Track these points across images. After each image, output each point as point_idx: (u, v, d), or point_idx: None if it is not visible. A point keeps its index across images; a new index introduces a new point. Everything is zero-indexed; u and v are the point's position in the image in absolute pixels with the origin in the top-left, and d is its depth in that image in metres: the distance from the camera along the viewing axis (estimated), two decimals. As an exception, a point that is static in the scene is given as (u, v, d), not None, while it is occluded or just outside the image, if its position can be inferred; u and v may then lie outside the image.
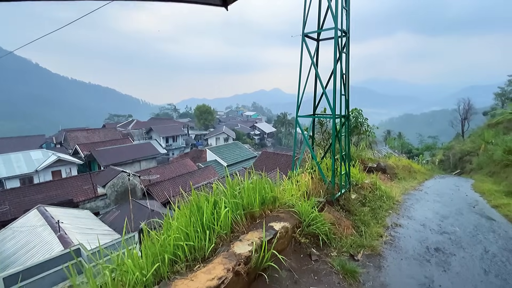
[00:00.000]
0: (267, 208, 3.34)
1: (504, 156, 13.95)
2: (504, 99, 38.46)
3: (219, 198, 2.81)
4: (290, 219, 3.23)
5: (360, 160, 9.62)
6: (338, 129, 4.49)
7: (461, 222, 5.17)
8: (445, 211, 5.86)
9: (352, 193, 4.91)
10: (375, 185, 6.20)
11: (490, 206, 7.37)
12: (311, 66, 4.49)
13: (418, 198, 7.10)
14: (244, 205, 3.05)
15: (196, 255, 2.25)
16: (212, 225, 2.56)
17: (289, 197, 3.80)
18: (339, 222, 3.81)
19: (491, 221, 5.57)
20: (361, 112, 10.61)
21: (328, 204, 4.17)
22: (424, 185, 10.82)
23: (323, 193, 4.17)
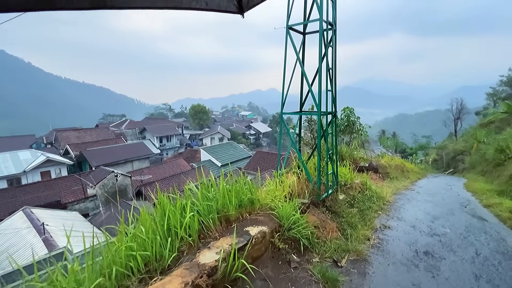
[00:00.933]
0: (245, 211, 3.10)
1: (496, 155, 13.95)
2: (495, 99, 38.97)
3: (188, 201, 2.56)
4: (270, 222, 2.99)
5: (352, 160, 9.45)
6: (324, 126, 4.27)
7: (452, 223, 5.00)
8: (437, 211, 5.69)
9: (339, 194, 4.70)
10: (365, 185, 6.01)
11: (482, 205, 7.26)
12: (297, 61, 4.27)
13: (409, 198, 6.94)
14: (219, 208, 2.80)
15: (156, 266, 2.00)
16: (180, 231, 2.31)
17: (271, 198, 3.57)
18: (324, 225, 3.59)
19: (483, 221, 5.42)
20: (353, 111, 10.45)
21: (313, 206, 3.95)
22: (417, 185, 10.72)
23: (308, 194, 3.94)
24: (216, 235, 2.57)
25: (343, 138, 10.46)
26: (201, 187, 2.80)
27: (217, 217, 2.71)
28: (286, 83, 4.34)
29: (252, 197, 3.14)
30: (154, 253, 2.01)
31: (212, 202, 2.75)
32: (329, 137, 4.54)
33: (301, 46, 4.55)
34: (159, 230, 2.16)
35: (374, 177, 8.87)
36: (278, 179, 4.08)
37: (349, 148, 10.35)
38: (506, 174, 11.55)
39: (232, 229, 2.71)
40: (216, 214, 2.73)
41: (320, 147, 4.06)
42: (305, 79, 4.27)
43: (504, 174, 11.89)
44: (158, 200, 2.46)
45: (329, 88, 4.17)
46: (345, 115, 10.57)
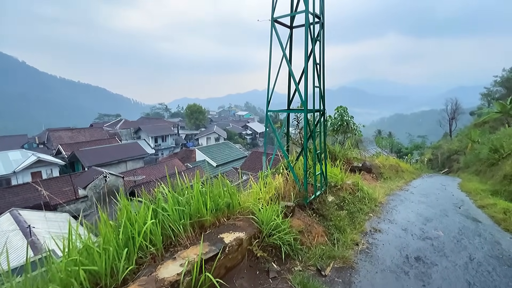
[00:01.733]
0: (223, 215, 2.86)
1: (490, 154, 13.91)
2: (490, 99, 39.30)
3: (150, 207, 2.31)
4: (249, 228, 2.76)
5: (345, 160, 9.27)
6: (312, 124, 4.06)
7: (445, 225, 4.82)
8: (430, 213, 5.51)
9: (328, 196, 4.48)
10: (357, 186, 5.81)
11: (476, 206, 7.12)
12: (283, 57, 4.04)
13: (402, 199, 6.77)
14: (192, 213, 2.57)
15: (109, 283, 1.75)
16: (144, 240, 2.07)
17: (254, 201, 3.35)
18: (310, 229, 3.37)
19: (476, 223, 5.25)
20: (346, 110, 10.27)
21: (299, 209, 3.73)
22: (411, 185, 10.58)
23: (294, 196, 3.72)
24: (187, 243, 2.33)
25: (337, 138, 10.28)
26: (171, 191, 2.56)
27: (189, 223, 2.47)
28: (271, 80, 4.12)
29: (230, 201, 2.91)
30: (104, 267, 1.75)
31: (185, 207, 2.51)
32: (317, 136, 4.34)
33: (288, 40, 4.33)
34: (114, 239, 1.91)
35: (367, 177, 8.69)
36: (263, 181, 3.85)
37: (343, 148, 10.17)
38: (500, 174, 11.47)
39: (206, 236, 2.48)
40: (188, 220, 2.49)
41: (307, 147, 3.84)
42: (291, 76, 4.04)
43: (498, 174, 11.83)
44: (123, 206, 2.21)
45: (316, 85, 3.95)
46: (338, 114, 10.39)
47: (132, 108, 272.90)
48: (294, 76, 4.02)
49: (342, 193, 4.95)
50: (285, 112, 4.43)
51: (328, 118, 10.59)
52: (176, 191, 2.64)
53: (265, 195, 3.57)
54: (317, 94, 4.06)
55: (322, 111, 4.18)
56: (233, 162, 33.65)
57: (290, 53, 4.46)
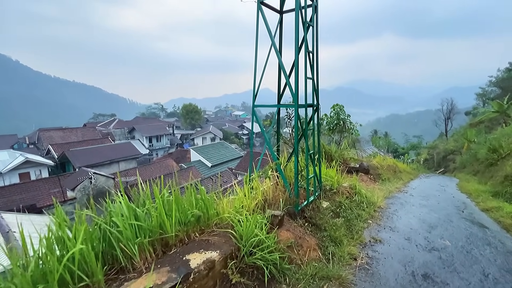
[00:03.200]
0: (194, 229, 2.37)
1: (489, 154, 13.58)
2: (485, 99, 39.41)
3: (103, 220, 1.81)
4: (225, 245, 2.27)
5: (341, 160, 8.83)
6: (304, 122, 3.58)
7: (451, 233, 4.38)
8: (433, 218, 5.07)
9: (323, 201, 4.01)
10: (354, 189, 5.34)
11: (479, 209, 6.73)
12: (272, 45, 3.56)
13: (402, 202, 6.33)
14: (153, 228, 2.07)
15: None
16: (60, 268, 1.54)
17: (236, 210, 2.86)
18: (300, 242, 2.89)
19: (483, 229, 4.82)
20: (342, 108, 9.83)
21: (289, 218, 3.25)
22: (410, 186, 10.20)
23: (283, 203, 3.24)
24: (142, 269, 1.84)
25: (333, 137, 9.83)
26: (126, 201, 2.06)
27: (147, 242, 1.97)
28: (258, 71, 3.63)
29: (201, 213, 2.41)
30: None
31: (143, 221, 2.01)
32: (311, 134, 3.87)
33: (277, 27, 3.84)
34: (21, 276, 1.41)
35: (365, 179, 8.26)
36: (248, 185, 3.36)
37: (339, 147, 9.73)
38: (500, 174, 11.13)
39: (169, 257, 1.98)
40: (147, 238, 1.99)
41: (298, 147, 3.36)
42: (281, 67, 3.56)
43: (498, 174, 11.48)
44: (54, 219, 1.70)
45: (309, 76, 3.47)
46: (334, 113, 9.94)
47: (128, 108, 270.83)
48: (284, 67, 3.54)
49: (338, 198, 4.48)
50: (275, 107, 3.94)
51: (324, 117, 10.15)
52: (134, 201, 2.14)
53: (250, 202, 3.08)
54: (310, 87, 3.58)
55: (315, 106, 3.71)
56: (228, 163, 33.12)
57: (280, 42, 3.97)
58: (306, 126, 3.51)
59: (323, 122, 10.11)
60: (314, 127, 3.76)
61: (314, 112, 3.73)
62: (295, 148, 3.27)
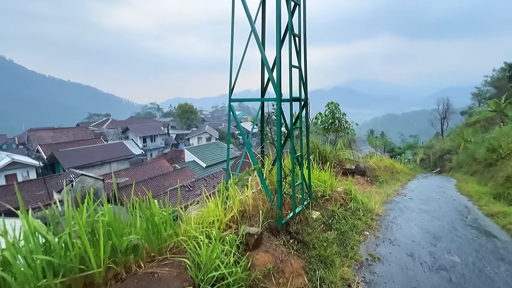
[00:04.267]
0: (139, 259, 1.81)
1: (488, 154, 13.20)
2: (480, 99, 39.44)
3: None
4: (176, 280, 1.71)
5: (336, 161, 8.31)
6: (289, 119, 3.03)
7: (458, 245, 3.87)
8: (436, 227, 4.57)
9: (313, 211, 3.47)
10: (349, 194, 4.81)
11: (483, 214, 6.27)
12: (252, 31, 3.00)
13: (402, 207, 5.82)
14: (72, 264, 1.50)
15: None
16: None
17: (205, 226, 2.31)
18: (283, 267, 2.34)
19: (492, 239, 4.33)
20: (338, 107, 9.31)
21: (271, 234, 2.70)
22: (408, 188, 9.75)
23: (263, 215, 2.69)
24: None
25: (328, 137, 9.31)
26: (31, 223, 1.49)
27: (59, 283, 1.41)
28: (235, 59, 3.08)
29: (149, 236, 1.84)
30: None
31: (54, 255, 1.44)
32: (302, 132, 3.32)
33: (259, 7, 3.27)
34: None
35: (361, 181, 7.75)
36: (223, 195, 2.80)
37: (334, 148, 9.21)
38: (501, 175, 10.74)
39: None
40: (59, 277, 1.42)
41: (281, 149, 2.82)
42: (262, 55, 3.00)
43: (498, 175, 11.10)
44: None
45: (295, 64, 2.93)
46: (329, 111, 9.42)
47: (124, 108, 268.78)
48: (265, 54, 2.99)
49: (331, 206, 3.94)
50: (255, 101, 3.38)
51: (318, 116, 9.62)
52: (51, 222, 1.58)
53: (223, 216, 2.52)
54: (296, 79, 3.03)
55: (303, 101, 3.17)
56: (223, 163, 32.54)
57: (263, 28, 3.42)
58: (291, 124, 2.96)
59: (318, 121, 9.59)
60: (301, 124, 3.22)
61: (301, 107, 3.19)
62: (278, 151, 2.73)
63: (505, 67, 35.27)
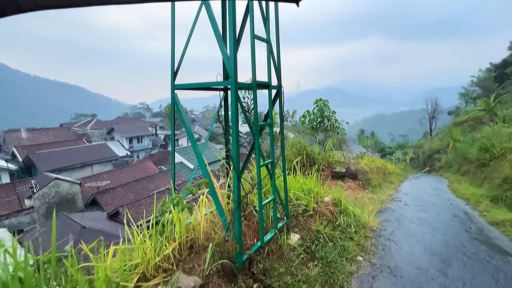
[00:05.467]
0: None
1: (480, 154, 12.75)
2: (467, 99, 39.98)
3: None
4: None
5: (326, 164, 7.55)
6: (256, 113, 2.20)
7: (472, 272, 3.15)
8: (441, 244, 3.85)
9: (292, 234, 2.65)
10: (339, 204, 4.02)
11: (486, 222, 5.63)
12: None
13: (398, 216, 5.10)
14: None
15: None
16: None
17: (122, 274, 1.45)
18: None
19: (507, 258, 3.65)
20: (327, 104, 8.55)
21: (224, 280, 1.85)
22: (401, 191, 9.14)
23: (211, 251, 1.85)
24: None
25: (316, 137, 8.54)
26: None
27: None
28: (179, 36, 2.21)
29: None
30: None
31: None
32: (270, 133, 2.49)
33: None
34: None
35: (352, 185, 7.01)
36: (161, 220, 1.94)
37: (323, 149, 8.46)
38: (496, 176, 10.25)
39: None
40: None
41: (238, 155, 1.97)
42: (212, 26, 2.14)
43: (493, 176, 10.61)
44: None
45: (261, 36, 2.09)
46: (318, 109, 8.65)
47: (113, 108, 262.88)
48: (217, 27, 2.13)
49: (315, 224, 3.13)
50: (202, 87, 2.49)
51: (306, 114, 8.85)
52: None
53: (153, 254, 1.66)
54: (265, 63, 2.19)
55: (276, 89, 2.34)
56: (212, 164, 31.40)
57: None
58: (256, 119, 2.13)
59: (306, 120, 8.81)
60: (274, 121, 2.40)
61: (272, 98, 2.36)
62: (234, 158, 1.89)
63: (491, 67, 35.76)
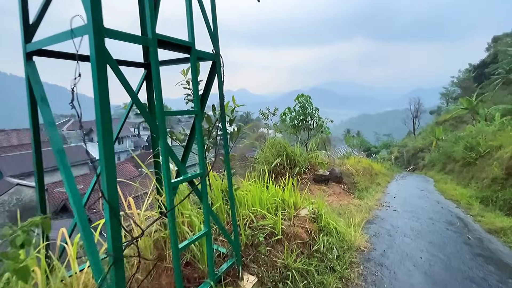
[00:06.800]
0: None
1: (466, 153, 12.49)
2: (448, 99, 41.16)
3: None
4: None
5: (308, 166, 6.78)
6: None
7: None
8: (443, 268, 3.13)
9: (244, 279, 1.80)
10: (318, 220, 3.20)
11: (485, 230, 5.06)
12: None
13: (389, 228, 4.39)
14: None
15: None
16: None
17: None
18: None
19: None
20: (309, 100, 7.79)
21: None
22: (389, 193, 8.56)
23: None
24: None
25: (297, 137, 7.75)
26: None
27: None
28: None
29: None
30: None
31: None
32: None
33: None
34: None
35: (337, 190, 6.26)
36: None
37: (306, 149, 7.69)
38: (484, 176, 9.89)
39: None
40: None
41: (112, 159, 1.13)
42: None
43: (481, 176, 10.28)
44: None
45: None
46: (300, 106, 7.87)
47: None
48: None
49: (284, 253, 2.27)
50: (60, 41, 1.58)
51: (287, 111, 8.05)
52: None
53: None
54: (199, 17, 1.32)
55: (211, 59, 1.49)
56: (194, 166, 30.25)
57: None
58: (159, 103, 1.25)
59: (286, 118, 8.01)
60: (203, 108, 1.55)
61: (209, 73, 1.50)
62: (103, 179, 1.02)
63: (470, 68, 36.84)
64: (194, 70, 1.48)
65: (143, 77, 1.88)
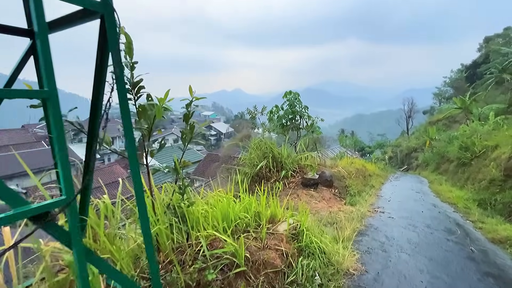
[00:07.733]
0: None
1: (461, 153, 12.15)
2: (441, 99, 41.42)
3: None
4: None
5: (297, 168, 6.24)
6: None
7: None
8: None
9: None
10: (300, 237, 2.65)
11: (487, 239, 4.62)
12: None
13: (383, 241, 3.88)
14: None
15: None
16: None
17: None
18: None
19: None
20: (298, 97, 7.24)
21: None
22: (383, 196, 8.11)
23: None
24: None
25: (286, 137, 7.20)
26: None
27: None
28: None
29: None
30: None
31: None
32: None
33: None
34: None
35: (326, 195, 5.73)
36: None
37: (295, 150, 7.15)
38: (481, 177, 9.51)
39: None
40: None
41: None
42: None
43: (477, 177, 9.90)
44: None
45: None
46: (288, 104, 7.33)
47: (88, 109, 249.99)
48: None
49: None
50: None
51: (275, 110, 7.50)
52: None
53: None
54: None
55: (98, 10, 0.93)
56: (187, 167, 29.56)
57: None
58: None
59: (274, 117, 7.46)
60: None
61: (100, 32, 0.94)
62: None
63: (462, 68, 37.04)
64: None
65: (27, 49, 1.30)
